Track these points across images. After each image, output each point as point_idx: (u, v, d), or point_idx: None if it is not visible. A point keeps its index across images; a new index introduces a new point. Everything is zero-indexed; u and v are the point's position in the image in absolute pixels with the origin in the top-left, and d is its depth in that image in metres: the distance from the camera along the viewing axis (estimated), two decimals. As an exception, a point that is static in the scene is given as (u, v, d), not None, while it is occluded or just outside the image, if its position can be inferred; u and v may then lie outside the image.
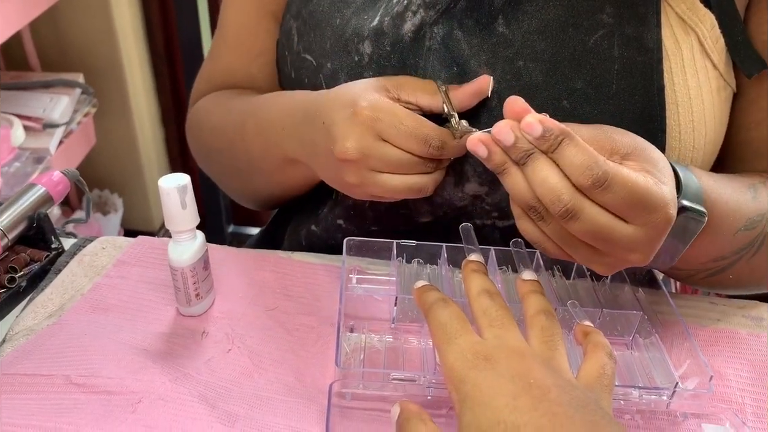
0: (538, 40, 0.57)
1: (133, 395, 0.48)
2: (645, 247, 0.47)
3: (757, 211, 0.57)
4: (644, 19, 0.56)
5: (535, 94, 0.57)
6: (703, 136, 0.58)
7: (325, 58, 0.63)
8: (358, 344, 0.57)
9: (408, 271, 0.62)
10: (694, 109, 0.57)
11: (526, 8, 0.57)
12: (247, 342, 0.56)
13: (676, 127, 0.57)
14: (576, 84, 0.57)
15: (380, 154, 0.53)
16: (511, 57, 0.58)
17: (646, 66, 0.56)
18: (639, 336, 0.58)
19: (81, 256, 0.66)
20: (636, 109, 0.56)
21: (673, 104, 0.57)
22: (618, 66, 0.56)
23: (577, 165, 0.44)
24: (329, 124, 0.55)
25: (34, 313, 0.59)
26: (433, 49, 0.59)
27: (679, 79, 0.57)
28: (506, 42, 0.58)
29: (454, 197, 0.62)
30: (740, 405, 0.53)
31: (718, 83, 0.58)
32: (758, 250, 0.58)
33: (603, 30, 0.56)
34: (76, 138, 1.56)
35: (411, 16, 0.59)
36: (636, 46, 0.56)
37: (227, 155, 0.71)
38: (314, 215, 0.71)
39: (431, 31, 0.59)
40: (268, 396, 0.51)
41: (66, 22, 1.67)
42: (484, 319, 0.45)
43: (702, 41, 0.57)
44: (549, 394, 0.38)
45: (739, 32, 0.57)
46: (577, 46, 0.57)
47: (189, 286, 0.55)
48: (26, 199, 0.66)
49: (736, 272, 0.60)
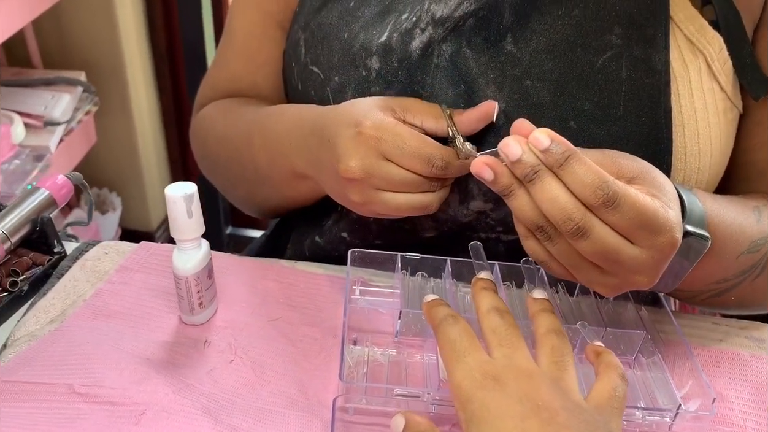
0: (546, 59, 0.57)
1: (136, 407, 0.48)
2: (650, 269, 0.47)
3: (761, 233, 0.57)
4: (653, 40, 0.56)
5: (543, 114, 0.57)
6: (709, 158, 0.59)
7: (333, 72, 0.63)
8: (361, 357, 0.56)
9: (412, 284, 0.62)
10: (700, 132, 0.57)
11: (535, 27, 0.57)
12: (249, 353, 0.56)
13: (682, 149, 0.57)
14: (583, 105, 0.57)
15: (383, 173, 0.53)
16: (519, 76, 0.58)
17: (653, 88, 0.56)
18: (642, 355, 0.58)
19: (83, 261, 0.66)
20: (643, 131, 0.56)
21: (680, 126, 0.57)
22: (626, 88, 0.56)
23: (587, 183, 0.44)
24: (334, 142, 0.55)
25: (35, 318, 0.59)
26: (441, 66, 0.59)
27: (686, 101, 0.57)
28: (514, 61, 0.58)
29: (459, 214, 0.62)
30: (742, 428, 0.53)
31: (725, 105, 0.59)
32: (762, 272, 0.58)
33: (611, 51, 0.56)
34: (77, 136, 1.55)
35: (419, 33, 0.59)
36: (644, 68, 0.56)
37: (234, 165, 0.71)
38: (318, 226, 0.71)
39: (439, 49, 0.59)
40: (271, 409, 0.51)
41: (69, 20, 1.67)
42: (493, 338, 0.44)
43: (710, 63, 0.57)
44: (557, 417, 0.38)
45: (747, 55, 0.58)
46: (585, 66, 0.57)
47: (193, 294, 0.55)
48: (30, 203, 0.65)
49: (738, 294, 0.60)
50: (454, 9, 0.58)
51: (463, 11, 0.58)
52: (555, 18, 0.57)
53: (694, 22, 0.57)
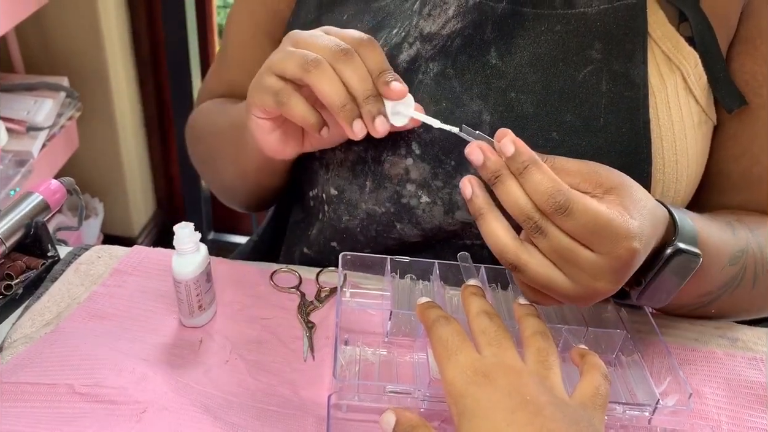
0: (530, 72, 0.59)
1: (137, 405, 0.49)
2: (610, 276, 0.47)
3: (738, 246, 0.59)
4: (631, 56, 0.59)
5: (526, 125, 0.59)
6: (686, 168, 0.61)
7: None
8: (353, 357, 0.58)
9: (401, 286, 0.64)
10: (677, 143, 0.60)
11: (518, 42, 0.60)
12: (243, 353, 0.58)
13: (660, 160, 0.60)
14: (565, 117, 0.59)
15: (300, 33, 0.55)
16: (504, 88, 0.60)
17: (632, 101, 0.59)
18: (622, 354, 0.60)
19: (77, 265, 0.67)
20: (623, 142, 0.59)
21: (658, 138, 0.59)
22: (606, 100, 0.59)
23: (541, 191, 0.45)
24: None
25: (31, 320, 0.60)
26: (425, 83, 0.61)
27: (663, 114, 0.59)
28: (499, 74, 0.60)
29: (444, 224, 0.64)
30: (717, 422, 0.56)
31: (700, 118, 0.61)
32: (740, 283, 0.61)
33: (592, 66, 0.59)
34: (59, 141, 1.55)
35: (407, 47, 0.61)
36: (623, 82, 0.59)
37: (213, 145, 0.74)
38: (305, 237, 0.73)
39: (426, 66, 0.61)
40: (266, 408, 0.53)
41: (52, 26, 1.67)
42: (482, 338, 0.47)
43: (686, 78, 0.60)
44: (544, 411, 0.41)
45: (721, 70, 0.60)
46: (567, 80, 0.59)
47: (192, 298, 0.57)
48: (23, 207, 0.66)
49: (718, 306, 0.62)
50: (441, 26, 0.60)
51: (450, 29, 0.60)
52: (538, 33, 0.59)
53: (671, 38, 0.59)
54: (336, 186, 0.66)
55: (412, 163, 0.62)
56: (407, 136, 0.62)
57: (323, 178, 0.67)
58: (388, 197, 0.64)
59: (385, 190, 0.64)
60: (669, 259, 0.51)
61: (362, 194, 0.65)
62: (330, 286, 0.66)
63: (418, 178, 0.62)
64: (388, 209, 0.64)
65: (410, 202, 0.63)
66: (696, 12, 0.59)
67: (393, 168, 0.63)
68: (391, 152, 0.62)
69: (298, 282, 0.66)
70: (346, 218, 0.67)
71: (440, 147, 0.61)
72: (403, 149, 0.62)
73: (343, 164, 0.65)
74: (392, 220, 0.65)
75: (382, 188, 0.64)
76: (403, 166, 0.62)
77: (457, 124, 0.61)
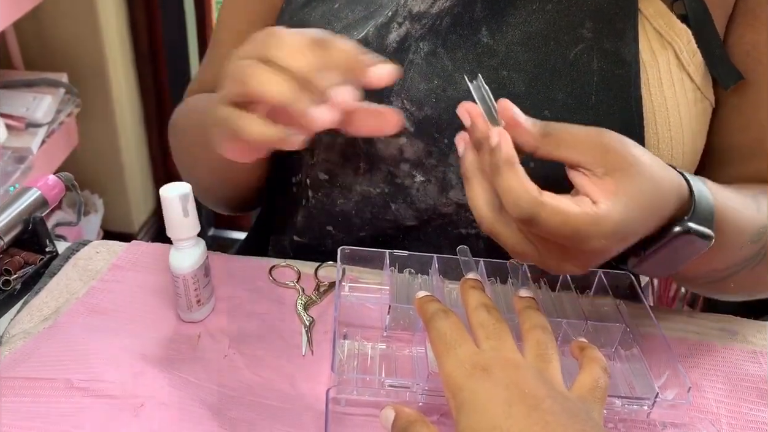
0: (521, 51, 0.60)
1: (135, 399, 0.49)
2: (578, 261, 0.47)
3: (762, 223, 0.57)
4: (622, 34, 0.59)
5: (518, 103, 0.58)
6: (681, 146, 0.61)
7: None
8: (352, 351, 0.58)
9: (400, 280, 0.64)
10: (671, 120, 0.60)
11: (509, 20, 0.60)
12: (242, 348, 0.58)
13: (654, 137, 0.60)
14: (557, 95, 0.59)
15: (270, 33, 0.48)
16: (495, 66, 0.60)
17: (624, 79, 0.59)
18: (621, 347, 0.60)
19: (75, 260, 0.67)
20: (615, 120, 0.59)
21: (651, 114, 0.59)
22: (597, 78, 0.59)
23: (507, 197, 0.45)
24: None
25: (29, 315, 0.60)
26: (416, 63, 0.61)
27: (655, 90, 0.59)
28: (491, 52, 0.60)
29: (439, 203, 0.64)
30: (716, 415, 0.56)
31: (695, 95, 0.61)
32: (762, 259, 0.59)
33: (583, 44, 0.59)
34: (59, 138, 1.55)
35: (396, 27, 0.61)
36: (614, 60, 0.59)
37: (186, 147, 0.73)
38: (291, 226, 0.72)
39: (417, 45, 0.61)
40: (265, 402, 0.53)
41: (51, 22, 1.66)
42: (481, 331, 0.46)
43: (678, 55, 0.60)
44: (542, 404, 0.40)
45: (716, 47, 0.60)
46: (558, 58, 0.59)
47: (191, 292, 0.56)
48: (22, 203, 0.66)
49: (738, 281, 0.61)
50: (430, 5, 0.60)
51: (439, 7, 0.60)
52: (529, 12, 0.60)
53: (663, 16, 0.60)
54: (326, 170, 0.66)
55: (406, 141, 0.62)
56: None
57: (308, 164, 0.67)
58: (383, 178, 0.64)
59: (379, 170, 0.64)
60: (675, 236, 0.49)
61: (356, 176, 0.65)
62: (329, 280, 0.66)
63: (412, 156, 0.62)
64: (382, 189, 0.64)
65: (404, 182, 0.63)
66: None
67: (387, 148, 0.63)
68: None
69: (297, 276, 0.66)
70: (341, 201, 0.67)
71: (434, 124, 0.61)
72: None
73: (332, 148, 0.65)
74: (387, 201, 0.65)
75: (376, 169, 0.64)
76: (397, 145, 0.62)
77: (450, 102, 0.61)
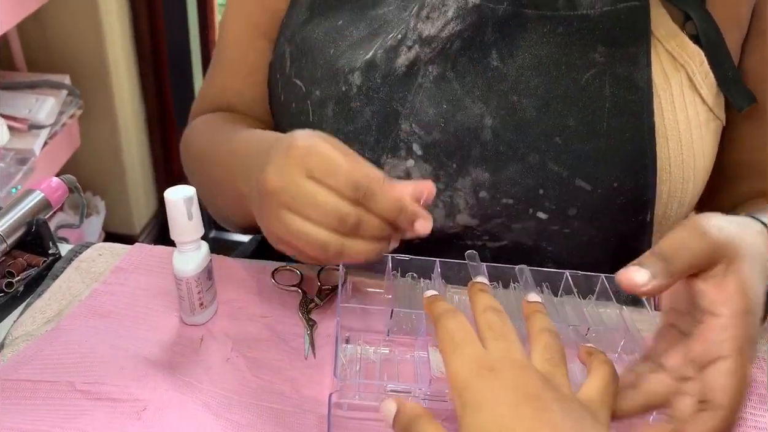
0: (532, 76, 0.59)
1: (138, 402, 0.49)
2: None
3: None
4: (635, 58, 0.58)
5: (529, 130, 0.59)
6: (692, 168, 0.61)
7: (314, 86, 0.64)
8: (354, 356, 0.58)
9: (402, 284, 0.64)
10: (683, 143, 0.60)
11: (520, 44, 0.59)
12: (244, 351, 0.58)
13: (666, 161, 0.59)
14: (568, 121, 0.58)
15: (297, 188, 0.49)
16: (506, 91, 0.59)
17: (636, 105, 0.58)
18: (624, 353, 0.60)
19: (78, 262, 0.67)
20: (627, 147, 0.58)
21: (663, 138, 0.59)
22: (609, 104, 0.58)
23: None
24: (266, 158, 0.52)
25: (32, 318, 0.60)
26: (425, 86, 0.60)
27: (668, 113, 0.59)
28: (501, 76, 0.59)
29: (445, 226, 0.63)
30: (718, 421, 0.56)
31: (707, 116, 0.61)
32: None
33: (595, 69, 0.58)
34: (61, 139, 1.55)
35: (406, 50, 0.60)
36: (627, 86, 0.58)
37: (205, 179, 0.71)
38: None
39: (425, 69, 0.60)
40: (267, 405, 0.53)
41: (53, 24, 1.67)
42: (489, 333, 0.46)
43: (691, 77, 0.59)
44: (549, 407, 0.40)
45: (729, 68, 0.60)
46: (570, 83, 0.58)
47: (194, 295, 0.57)
48: (25, 205, 0.66)
49: None
50: (441, 29, 0.59)
51: (449, 31, 0.59)
52: (540, 35, 0.59)
53: (675, 37, 0.59)
54: None
55: (414, 164, 0.62)
56: (407, 138, 0.61)
57: None
58: None
59: None
60: None
61: None
62: (331, 284, 0.66)
63: (419, 179, 0.62)
64: None
65: None
66: (701, 12, 0.59)
67: (393, 170, 0.62)
68: (390, 154, 0.62)
69: (300, 280, 0.66)
70: None
71: (442, 149, 0.60)
72: (403, 151, 0.62)
73: None
74: None
75: None
76: (404, 167, 0.62)
77: (458, 128, 0.60)
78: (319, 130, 0.63)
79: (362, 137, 0.62)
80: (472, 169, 0.60)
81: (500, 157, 0.59)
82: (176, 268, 0.55)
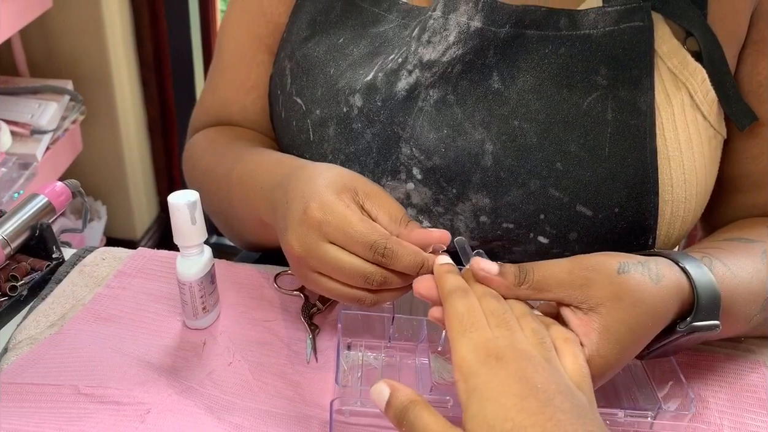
0: (533, 99, 0.58)
1: (141, 406, 0.50)
2: None
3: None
4: (638, 82, 0.57)
5: (530, 156, 0.58)
6: (695, 186, 0.60)
7: (315, 105, 0.63)
8: (355, 362, 0.58)
9: (404, 290, 0.64)
10: (685, 162, 0.59)
11: (521, 65, 0.58)
12: (247, 355, 0.58)
13: (669, 182, 0.59)
14: (569, 147, 0.58)
15: (321, 255, 0.51)
16: (506, 115, 0.58)
17: (639, 129, 0.57)
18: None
19: (81, 267, 0.67)
20: (629, 172, 0.58)
21: (665, 160, 0.58)
22: (611, 129, 0.57)
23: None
24: (285, 212, 0.53)
25: (35, 322, 0.60)
26: (425, 110, 0.60)
27: (670, 134, 0.58)
28: (501, 100, 0.59)
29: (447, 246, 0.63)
30: (719, 426, 0.56)
31: (708, 133, 0.60)
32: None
33: (597, 92, 0.57)
34: (63, 145, 1.56)
35: (406, 74, 0.59)
36: (629, 110, 0.57)
37: (214, 198, 0.71)
38: None
39: (426, 93, 0.59)
40: (270, 410, 0.53)
41: (56, 30, 1.68)
42: (492, 319, 0.46)
43: (692, 95, 0.59)
44: (554, 400, 0.41)
45: (730, 86, 0.59)
46: (572, 107, 0.58)
47: (196, 299, 0.57)
48: (29, 209, 0.67)
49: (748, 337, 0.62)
50: (442, 53, 0.58)
51: (451, 55, 0.58)
52: (542, 56, 0.58)
53: (677, 54, 0.58)
54: None
55: (413, 188, 0.61)
56: (407, 162, 0.61)
57: None
58: None
59: None
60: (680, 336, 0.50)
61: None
62: (333, 289, 0.66)
63: (419, 203, 0.62)
64: None
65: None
66: (703, 29, 0.58)
67: (393, 193, 0.62)
68: (390, 177, 0.62)
69: (302, 284, 0.66)
70: None
71: (442, 174, 0.60)
72: (403, 174, 0.61)
73: None
74: None
75: None
76: (404, 190, 0.62)
77: (459, 153, 0.60)
78: (320, 149, 0.63)
79: (363, 159, 0.62)
80: (473, 194, 0.60)
81: (501, 182, 0.59)
82: (179, 273, 0.56)
